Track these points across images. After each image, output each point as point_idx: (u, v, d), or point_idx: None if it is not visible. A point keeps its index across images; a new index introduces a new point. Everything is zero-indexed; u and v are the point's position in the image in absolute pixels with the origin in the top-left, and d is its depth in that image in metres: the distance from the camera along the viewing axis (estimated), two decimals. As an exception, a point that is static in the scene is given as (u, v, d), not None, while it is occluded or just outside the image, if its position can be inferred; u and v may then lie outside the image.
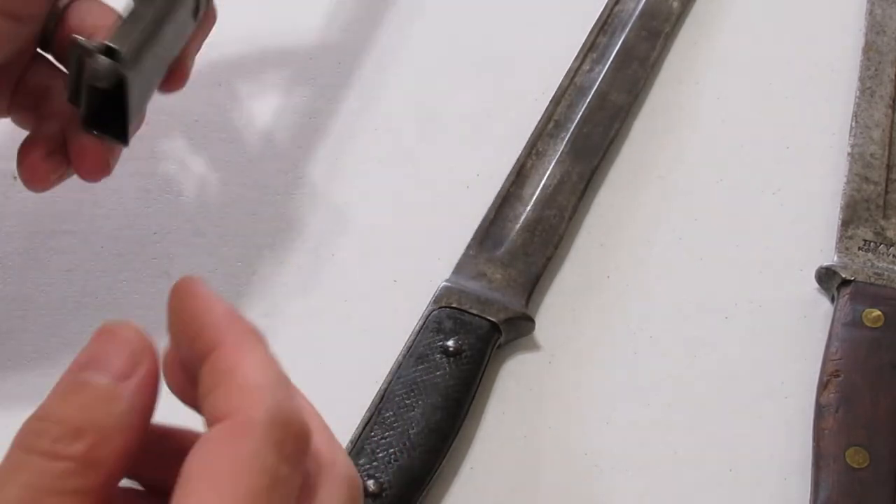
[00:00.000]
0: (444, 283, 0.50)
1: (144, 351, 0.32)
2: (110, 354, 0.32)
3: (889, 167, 0.55)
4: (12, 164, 0.57)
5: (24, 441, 0.31)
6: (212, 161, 0.57)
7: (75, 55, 0.43)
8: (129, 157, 0.58)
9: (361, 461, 0.45)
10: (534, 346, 0.50)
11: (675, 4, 0.62)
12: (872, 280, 0.50)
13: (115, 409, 0.31)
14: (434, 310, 0.49)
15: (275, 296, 0.52)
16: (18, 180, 0.57)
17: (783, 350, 0.50)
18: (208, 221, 0.55)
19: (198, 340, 0.32)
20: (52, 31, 0.47)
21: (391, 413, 0.46)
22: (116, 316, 0.37)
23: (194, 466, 0.29)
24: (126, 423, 0.31)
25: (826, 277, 0.51)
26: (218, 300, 0.32)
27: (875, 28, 0.61)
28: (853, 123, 0.57)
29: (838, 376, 0.47)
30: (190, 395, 0.32)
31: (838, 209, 0.54)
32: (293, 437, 0.30)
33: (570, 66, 0.60)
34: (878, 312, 0.49)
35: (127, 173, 0.57)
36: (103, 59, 0.42)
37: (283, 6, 0.65)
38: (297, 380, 0.32)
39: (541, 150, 0.56)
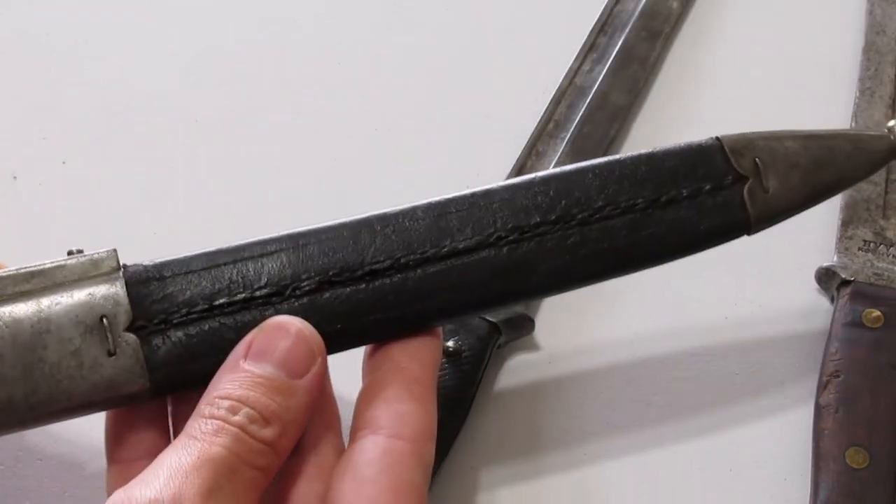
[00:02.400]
0: (444, 284, 0.50)
1: (319, 350, 0.36)
2: (289, 350, 0.36)
3: (889, 167, 0.55)
4: (12, 164, 0.57)
5: (218, 413, 0.35)
6: (212, 162, 0.57)
7: None
8: (129, 158, 0.58)
9: (361, 461, 0.45)
10: (534, 346, 0.50)
11: (675, 5, 0.62)
12: (872, 280, 0.50)
13: (293, 403, 0.35)
14: (434, 310, 0.49)
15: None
16: (19, 180, 0.57)
17: (783, 350, 0.50)
18: (208, 222, 0.55)
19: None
20: None
21: (391, 413, 0.46)
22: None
23: (384, 488, 0.35)
24: (298, 418, 0.36)
25: (826, 277, 0.51)
26: None
27: (875, 28, 0.61)
28: (853, 123, 0.57)
29: (838, 376, 0.47)
30: None
31: (838, 209, 0.54)
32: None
33: (570, 67, 0.60)
34: (878, 312, 0.49)
35: (128, 175, 0.57)
36: None
37: (283, 6, 0.65)
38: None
39: (541, 150, 0.56)
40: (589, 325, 0.51)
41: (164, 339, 0.37)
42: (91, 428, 0.46)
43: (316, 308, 0.37)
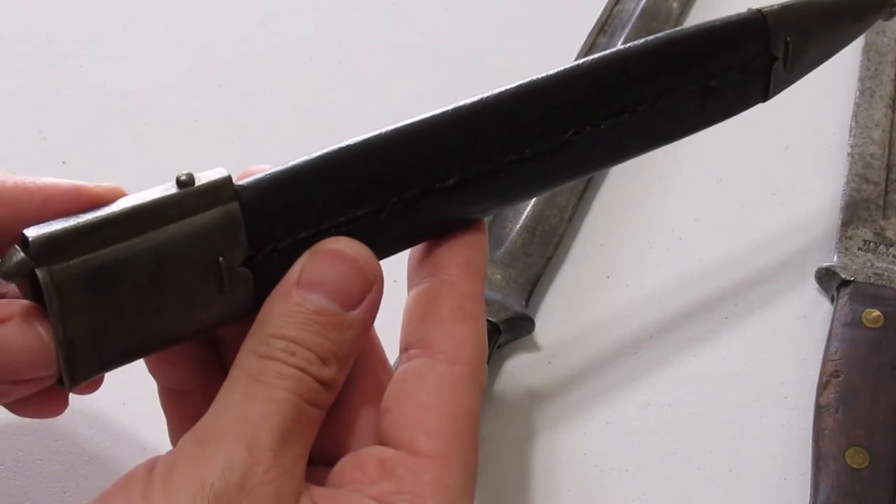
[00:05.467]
0: (444, 284, 0.50)
1: (374, 277, 0.35)
2: (343, 279, 0.35)
3: (889, 167, 0.55)
4: (13, 164, 0.57)
5: (275, 355, 0.34)
6: (212, 162, 0.57)
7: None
8: (129, 158, 0.58)
9: (361, 461, 0.45)
10: (534, 346, 0.50)
11: (675, 5, 0.62)
12: (872, 280, 0.50)
13: (347, 337, 0.35)
14: (434, 310, 0.49)
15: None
16: (18, 180, 0.57)
17: (783, 350, 0.50)
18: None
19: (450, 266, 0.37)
20: None
21: (391, 413, 0.46)
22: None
23: (447, 417, 0.35)
24: (352, 351, 0.35)
25: (826, 277, 0.51)
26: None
27: (875, 28, 0.61)
28: (853, 123, 0.57)
29: (838, 376, 0.47)
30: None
31: (838, 209, 0.54)
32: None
33: (570, 67, 0.60)
34: (878, 312, 0.49)
35: (128, 175, 0.57)
36: (14, 251, 0.32)
37: (283, 7, 0.66)
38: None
39: (541, 150, 0.56)
40: (589, 326, 0.51)
41: (271, 267, 0.35)
42: (92, 427, 0.47)
43: (413, 217, 0.37)
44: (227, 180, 0.35)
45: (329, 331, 0.34)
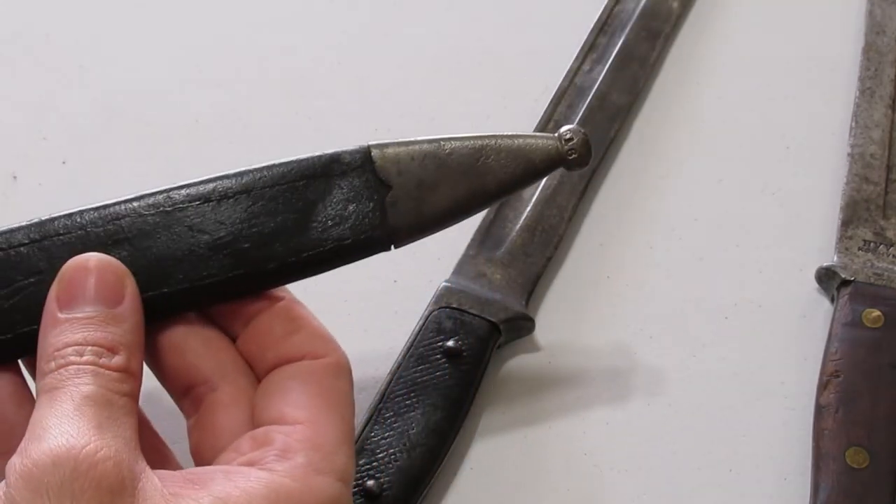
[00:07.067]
0: (445, 284, 0.50)
1: (124, 272, 0.37)
2: (98, 284, 0.37)
3: (889, 167, 0.55)
4: (12, 164, 0.57)
5: (66, 361, 0.35)
6: (212, 162, 0.57)
7: None
8: (129, 158, 0.58)
9: (361, 461, 0.45)
10: (534, 346, 0.50)
11: (675, 5, 0.62)
12: (872, 280, 0.50)
13: (126, 327, 0.37)
14: (434, 310, 0.49)
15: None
16: (18, 180, 0.57)
17: (783, 350, 0.50)
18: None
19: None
20: None
21: (391, 413, 0.46)
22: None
23: (313, 394, 0.37)
24: (136, 339, 0.37)
25: (826, 277, 0.51)
26: None
27: (875, 28, 0.61)
28: (853, 123, 0.57)
29: (838, 376, 0.47)
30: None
31: (838, 209, 0.54)
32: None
33: (570, 67, 0.60)
34: (878, 312, 0.49)
35: (128, 175, 0.57)
36: None
37: (281, 7, 0.66)
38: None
39: (541, 150, 0.56)
40: (589, 325, 0.51)
41: None
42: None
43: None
44: None
45: (107, 326, 0.36)
